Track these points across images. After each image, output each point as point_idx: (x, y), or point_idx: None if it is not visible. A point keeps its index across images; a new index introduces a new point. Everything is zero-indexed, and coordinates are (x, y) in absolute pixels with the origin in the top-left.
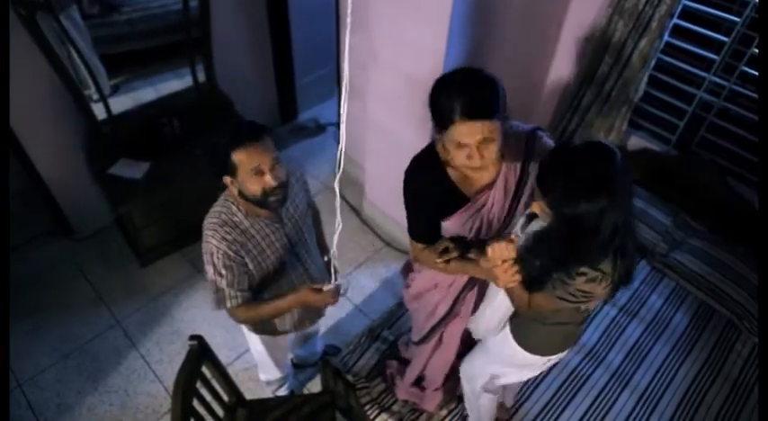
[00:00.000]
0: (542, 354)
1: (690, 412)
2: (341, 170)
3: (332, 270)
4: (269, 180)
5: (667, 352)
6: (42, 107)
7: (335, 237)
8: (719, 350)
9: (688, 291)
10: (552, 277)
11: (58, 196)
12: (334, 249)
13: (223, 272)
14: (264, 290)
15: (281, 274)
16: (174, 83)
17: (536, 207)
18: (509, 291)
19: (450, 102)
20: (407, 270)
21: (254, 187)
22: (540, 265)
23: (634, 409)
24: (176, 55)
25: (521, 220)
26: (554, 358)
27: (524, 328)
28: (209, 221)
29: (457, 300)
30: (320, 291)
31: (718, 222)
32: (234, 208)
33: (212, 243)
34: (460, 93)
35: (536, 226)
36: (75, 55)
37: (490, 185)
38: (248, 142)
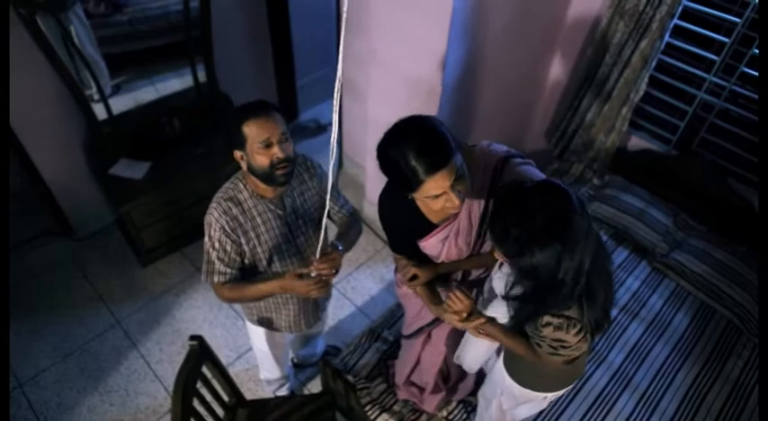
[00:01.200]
0: (533, 389)
1: (690, 413)
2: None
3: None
4: (277, 151)
5: (668, 352)
6: (43, 107)
7: (324, 220)
8: (720, 351)
9: (688, 292)
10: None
11: (59, 196)
12: (323, 234)
13: (217, 245)
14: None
15: (279, 263)
16: (175, 83)
17: (496, 255)
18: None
19: (409, 166)
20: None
21: (263, 159)
22: (515, 318)
23: (635, 410)
24: (177, 55)
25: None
26: (550, 395)
27: (511, 360)
28: (217, 195)
29: None
30: (303, 276)
31: (719, 222)
32: (241, 185)
33: (213, 215)
34: (416, 152)
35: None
36: (76, 55)
37: (455, 215)
38: (259, 114)
